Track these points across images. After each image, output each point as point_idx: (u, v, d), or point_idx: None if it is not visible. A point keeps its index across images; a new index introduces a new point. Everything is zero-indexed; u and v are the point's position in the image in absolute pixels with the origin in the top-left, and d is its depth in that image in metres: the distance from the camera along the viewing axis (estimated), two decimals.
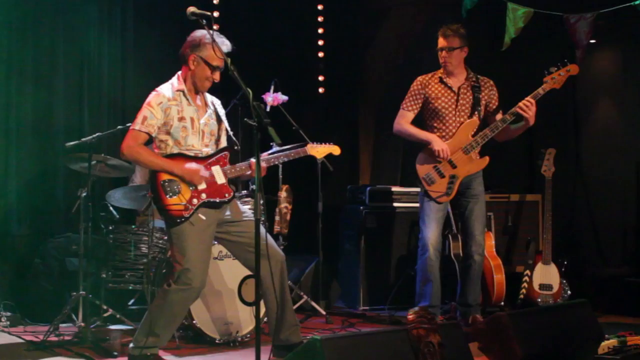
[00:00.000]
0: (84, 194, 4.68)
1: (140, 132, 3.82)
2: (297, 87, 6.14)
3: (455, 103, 4.95)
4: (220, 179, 3.92)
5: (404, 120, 5.03)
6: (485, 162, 4.93)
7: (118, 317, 4.86)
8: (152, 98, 3.88)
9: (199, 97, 4.01)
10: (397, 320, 5.30)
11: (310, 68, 7.33)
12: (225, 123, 4.10)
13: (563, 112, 6.41)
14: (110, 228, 5.08)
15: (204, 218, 3.84)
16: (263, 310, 4.21)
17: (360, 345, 2.88)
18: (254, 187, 3.78)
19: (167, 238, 4.37)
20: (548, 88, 4.79)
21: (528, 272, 5.54)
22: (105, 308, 4.90)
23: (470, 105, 4.95)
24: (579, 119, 6.46)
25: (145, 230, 5.02)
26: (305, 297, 5.55)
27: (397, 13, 7.26)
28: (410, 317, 3.06)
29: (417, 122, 5.05)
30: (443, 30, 4.93)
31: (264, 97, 5.50)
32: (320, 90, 7.38)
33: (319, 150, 4.21)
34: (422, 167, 4.95)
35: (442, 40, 4.94)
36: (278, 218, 5.46)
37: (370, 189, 6.12)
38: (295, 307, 4.99)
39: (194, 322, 4.47)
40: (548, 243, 5.50)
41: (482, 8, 5.25)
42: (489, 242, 5.54)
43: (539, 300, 5.46)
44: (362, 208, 6.05)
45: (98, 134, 4.72)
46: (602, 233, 6.25)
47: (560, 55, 4.88)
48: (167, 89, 3.92)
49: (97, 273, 5.04)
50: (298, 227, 5.80)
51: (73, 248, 5.20)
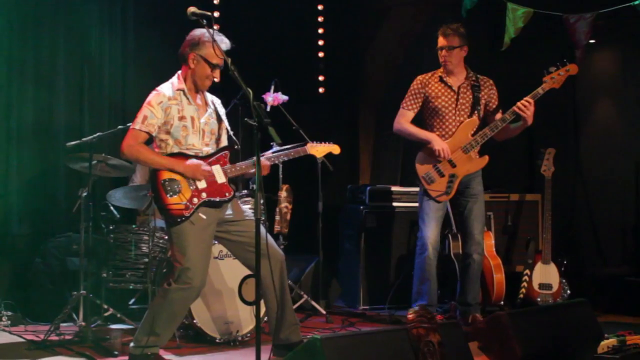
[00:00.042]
0: (85, 194, 4.69)
1: (141, 131, 3.82)
2: (297, 87, 6.13)
3: (455, 102, 4.95)
4: (221, 178, 3.91)
5: (404, 120, 5.04)
6: (485, 161, 4.94)
7: (119, 316, 4.86)
8: (152, 97, 3.88)
9: (199, 96, 4.01)
10: (397, 320, 5.30)
11: (310, 68, 7.32)
12: (226, 122, 4.10)
13: (563, 112, 6.42)
14: (111, 227, 5.08)
15: (205, 217, 3.84)
16: (263, 310, 4.21)
17: (360, 345, 2.88)
18: (255, 186, 3.79)
19: (167, 237, 4.37)
20: (547, 88, 4.80)
21: (528, 271, 5.54)
22: (106, 307, 4.90)
23: (470, 105, 4.96)
24: (579, 119, 6.47)
25: (146, 230, 5.02)
26: (306, 296, 5.56)
27: (397, 13, 7.25)
28: (410, 316, 3.07)
29: (416, 121, 5.06)
30: (443, 29, 4.95)
31: (264, 97, 5.50)
32: (320, 90, 7.37)
33: (319, 150, 4.22)
34: (421, 166, 4.96)
35: (442, 39, 4.95)
36: (278, 218, 5.46)
37: (370, 189, 6.13)
38: (296, 306, 5.01)
39: (195, 321, 4.48)
40: (548, 243, 5.51)
41: (482, 8, 5.25)
42: (489, 241, 5.54)
43: (539, 300, 5.46)
44: (362, 208, 6.05)
45: (99, 134, 4.73)
46: (601, 233, 6.25)
47: (560, 55, 4.89)
48: (167, 88, 3.91)
49: (97, 272, 5.04)
50: (298, 226, 5.80)
51: (74, 247, 5.19)
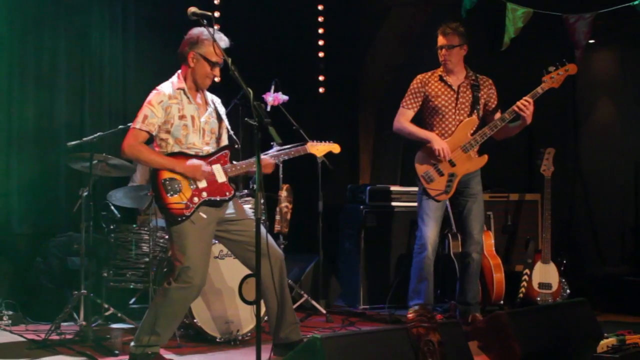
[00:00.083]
0: (86, 193, 4.70)
1: (141, 130, 3.82)
2: (297, 87, 6.14)
3: (455, 101, 4.96)
4: (221, 178, 3.92)
5: (404, 119, 5.05)
6: (484, 160, 4.95)
7: (119, 315, 4.87)
8: (152, 97, 3.88)
9: (200, 95, 4.01)
10: (397, 319, 5.30)
11: (310, 68, 7.33)
12: (226, 121, 4.10)
13: (562, 111, 6.43)
14: (112, 227, 5.09)
15: (205, 216, 3.84)
16: (263, 309, 4.22)
17: (361, 344, 2.88)
18: (255, 186, 3.79)
19: (167, 237, 4.38)
20: (546, 87, 4.80)
21: (527, 271, 5.54)
22: (107, 307, 4.91)
23: (470, 104, 4.97)
24: (578, 119, 6.48)
25: (147, 229, 5.03)
26: (306, 295, 5.56)
27: (397, 13, 7.26)
28: (410, 315, 3.08)
29: (416, 120, 5.07)
30: (443, 29, 4.95)
31: (265, 97, 5.51)
32: (320, 90, 7.38)
33: (319, 149, 4.22)
34: (421, 165, 4.96)
35: (441, 39, 4.96)
36: (278, 217, 5.47)
37: (370, 189, 6.13)
38: (296, 306, 5.01)
39: (195, 320, 4.49)
40: (547, 242, 5.52)
41: (481, 8, 5.25)
42: (489, 241, 5.55)
43: (538, 299, 5.47)
44: (362, 207, 6.06)
45: (99, 134, 4.74)
46: (601, 232, 6.26)
47: (559, 55, 4.90)
48: (167, 88, 3.91)
49: (98, 272, 5.05)
50: (298, 226, 5.80)
51: (74, 247, 5.20)
